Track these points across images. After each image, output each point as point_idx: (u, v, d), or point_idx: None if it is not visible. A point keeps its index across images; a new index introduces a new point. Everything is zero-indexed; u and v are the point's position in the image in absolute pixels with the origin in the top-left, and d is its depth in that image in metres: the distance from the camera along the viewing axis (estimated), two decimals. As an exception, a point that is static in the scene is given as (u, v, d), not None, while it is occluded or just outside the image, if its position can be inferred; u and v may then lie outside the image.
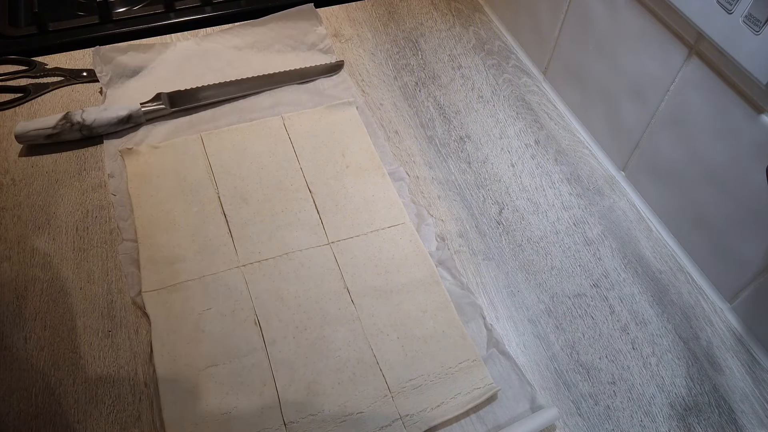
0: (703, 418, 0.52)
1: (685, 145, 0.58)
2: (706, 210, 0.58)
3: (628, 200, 0.67)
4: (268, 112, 0.72)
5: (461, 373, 0.52)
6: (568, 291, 0.59)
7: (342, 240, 0.60)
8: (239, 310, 0.55)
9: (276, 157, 0.66)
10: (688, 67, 0.56)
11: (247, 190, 0.63)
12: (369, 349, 0.53)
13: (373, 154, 0.68)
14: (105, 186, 0.64)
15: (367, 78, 0.78)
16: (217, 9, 0.85)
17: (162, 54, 0.76)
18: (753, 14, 0.46)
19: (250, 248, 0.59)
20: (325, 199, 0.63)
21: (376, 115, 0.73)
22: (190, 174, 0.64)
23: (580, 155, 0.71)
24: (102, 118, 0.67)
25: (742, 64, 0.49)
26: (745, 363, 0.55)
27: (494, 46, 0.83)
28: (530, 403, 0.51)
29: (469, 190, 0.66)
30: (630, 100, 0.64)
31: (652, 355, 0.55)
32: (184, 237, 0.59)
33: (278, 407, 0.49)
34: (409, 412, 0.50)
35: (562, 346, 0.55)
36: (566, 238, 0.63)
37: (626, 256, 0.62)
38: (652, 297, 0.59)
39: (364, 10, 0.87)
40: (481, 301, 0.58)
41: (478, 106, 0.75)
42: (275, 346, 0.53)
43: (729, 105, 0.52)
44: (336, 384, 0.51)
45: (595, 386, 0.53)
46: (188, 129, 0.69)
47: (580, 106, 0.73)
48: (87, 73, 0.74)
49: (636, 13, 0.60)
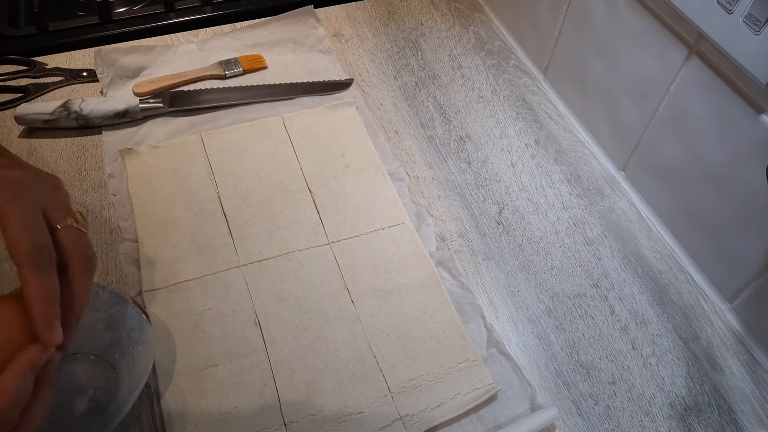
0: (703, 418, 0.52)
1: (685, 145, 0.58)
2: (706, 210, 0.58)
3: (628, 200, 0.67)
4: (268, 112, 0.72)
5: (461, 373, 0.52)
6: (568, 291, 0.59)
7: (342, 240, 0.60)
8: (239, 310, 0.55)
9: (276, 157, 0.66)
10: (688, 67, 0.56)
11: (247, 190, 0.63)
12: (369, 349, 0.53)
13: (373, 154, 0.68)
14: (105, 186, 0.64)
15: (367, 78, 0.78)
16: (217, 9, 0.85)
17: (163, 56, 0.76)
18: (753, 14, 0.46)
19: (250, 248, 0.59)
20: (325, 199, 0.63)
21: (376, 115, 0.73)
22: (190, 174, 0.64)
23: (580, 155, 0.71)
24: (99, 109, 0.67)
25: (742, 64, 0.49)
26: (745, 363, 0.55)
27: (494, 46, 0.83)
28: (530, 403, 0.51)
29: (469, 190, 0.66)
30: (630, 100, 0.64)
31: (652, 355, 0.55)
32: (184, 237, 0.59)
33: (278, 407, 0.49)
34: (409, 412, 0.50)
35: (562, 346, 0.55)
36: (566, 238, 0.63)
37: (626, 256, 0.62)
38: (652, 297, 0.59)
39: (364, 10, 0.87)
40: (481, 301, 0.58)
41: (478, 106, 0.75)
42: (275, 346, 0.53)
43: (729, 105, 0.52)
44: (336, 384, 0.51)
45: (595, 386, 0.53)
46: (188, 129, 0.69)
47: (580, 106, 0.73)
48: (87, 73, 0.74)
49: (636, 13, 0.60)
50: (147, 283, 0.56)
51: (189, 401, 0.49)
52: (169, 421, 0.48)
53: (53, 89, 0.73)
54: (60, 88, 0.73)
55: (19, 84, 0.73)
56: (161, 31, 0.82)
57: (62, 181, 0.43)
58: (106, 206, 0.62)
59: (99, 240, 0.59)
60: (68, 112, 0.67)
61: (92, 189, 0.64)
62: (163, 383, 0.50)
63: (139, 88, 0.72)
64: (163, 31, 0.82)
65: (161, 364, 0.51)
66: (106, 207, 0.62)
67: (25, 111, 0.67)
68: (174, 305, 0.54)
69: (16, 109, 0.67)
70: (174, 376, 0.50)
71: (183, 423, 0.48)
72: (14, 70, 0.74)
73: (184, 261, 0.57)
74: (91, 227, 0.60)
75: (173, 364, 0.51)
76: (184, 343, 0.52)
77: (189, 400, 0.49)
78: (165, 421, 0.48)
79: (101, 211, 0.62)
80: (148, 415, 0.49)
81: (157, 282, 0.56)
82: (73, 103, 0.67)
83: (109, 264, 0.58)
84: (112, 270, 0.57)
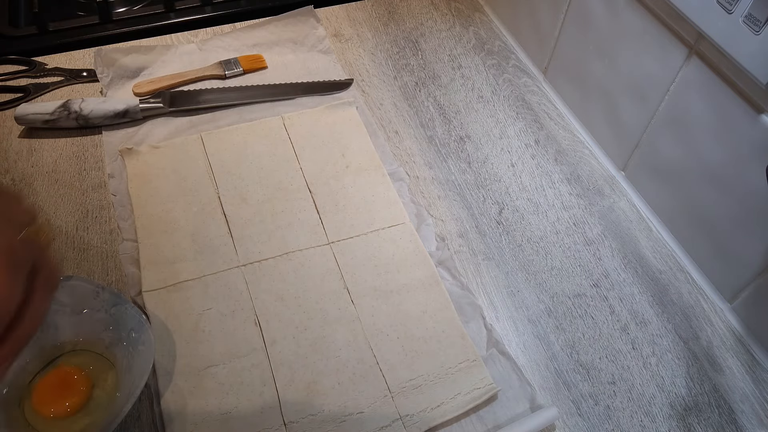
0: (703, 418, 0.52)
1: (685, 145, 0.58)
2: (706, 210, 0.58)
3: (628, 200, 0.67)
4: (268, 112, 0.72)
5: (461, 373, 0.52)
6: (568, 291, 0.59)
7: (342, 240, 0.60)
8: (239, 310, 0.55)
9: (276, 157, 0.66)
10: (688, 67, 0.56)
11: (247, 190, 0.63)
12: (369, 349, 0.53)
13: (373, 154, 0.68)
14: (105, 186, 0.64)
15: (367, 78, 0.78)
16: (217, 9, 0.85)
17: (163, 56, 0.76)
18: (753, 14, 0.46)
19: (250, 248, 0.59)
20: (325, 199, 0.63)
21: (376, 115, 0.73)
22: (190, 174, 0.64)
23: (580, 155, 0.71)
24: (99, 109, 0.68)
25: (742, 64, 0.49)
26: (745, 363, 0.55)
27: (494, 46, 0.83)
28: (530, 402, 0.51)
29: (469, 190, 0.66)
30: (630, 100, 0.64)
31: (652, 355, 0.55)
32: (184, 237, 0.59)
33: (278, 407, 0.49)
34: (409, 412, 0.50)
35: (562, 346, 0.55)
36: (566, 238, 0.63)
37: (626, 256, 0.62)
38: (652, 297, 0.59)
39: (364, 10, 0.87)
40: (481, 301, 0.58)
41: (478, 106, 0.75)
42: (275, 346, 0.53)
43: (729, 105, 0.52)
44: (336, 384, 0.51)
45: (595, 386, 0.53)
46: (188, 129, 0.69)
47: (580, 106, 0.73)
48: (87, 73, 0.74)
49: (636, 13, 0.60)
50: (147, 283, 0.56)
51: (189, 401, 0.49)
52: (169, 421, 0.48)
53: (53, 89, 0.73)
54: (60, 88, 0.73)
55: (19, 84, 0.73)
56: (161, 31, 0.82)
57: (24, 196, 0.41)
58: (106, 206, 0.62)
59: (99, 240, 0.60)
60: (68, 112, 0.67)
61: (92, 189, 0.64)
62: (163, 383, 0.50)
63: (139, 88, 0.72)
64: (163, 31, 0.82)
65: (161, 364, 0.51)
66: (106, 207, 0.62)
67: (25, 111, 0.67)
68: (174, 305, 0.54)
69: (16, 109, 0.67)
70: (174, 376, 0.50)
71: (183, 423, 0.48)
72: (14, 70, 0.74)
73: (184, 261, 0.57)
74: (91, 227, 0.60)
75: (173, 364, 0.51)
76: (184, 343, 0.52)
77: (189, 400, 0.49)
78: (165, 421, 0.48)
79: (101, 211, 0.62)
80: (148, 415, 0.49)
81: (157, 282, 0.56)
82: (73, 103, 0.67)
83: (109, 264, 0.58)
84: (112, 270, 0.57)
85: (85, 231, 0.60)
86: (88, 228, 0.60)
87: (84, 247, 0.59)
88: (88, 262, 0.58)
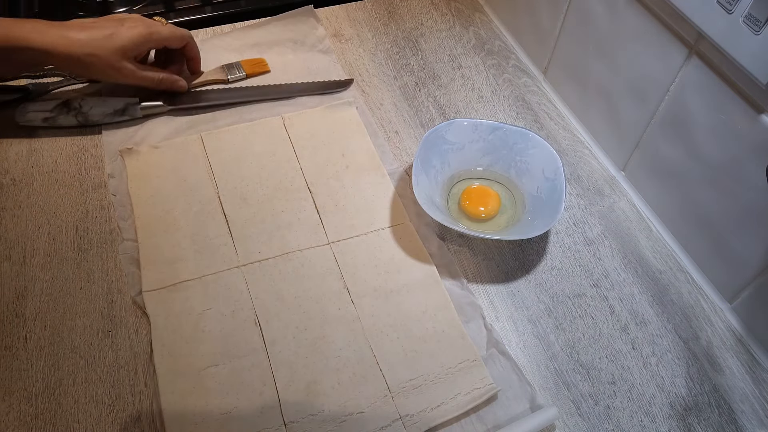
0: (703, 418, 0.52)
1: (685, 145, 0.58)
2: (706, 210, 0.58)
3: (628, 200, 0.67)
4: (268, 112, 0.72)
5: (461, 373, 0.52)
6: (568, 291, 0.59)
7: (342, 240, 0.60)
8: (239, 310, 0.55)
9: (276, 157, 0.66)
10: (688, 67, 0.56)
11: (247, 190, 0.63)
12: (369, 349, 0.53)
13: (373, 154, 0.68)
14: (105, 186, 0.64)
15: (367, 78, 0.78)
16: (217, 9, 0.85)
17: (162, 54, 0.76)
18: (753, 14, 0.46)
19: (250, 248, 0.59)
20: (325, 199, 0.63)
21: (376, 115, 0.73)
22: (190, 174, 0.64)
23: (580, 155, 0.71)
24: (99, 107, 0.68)
25: (742, 64, 0.49)
26: (745, 363, 0.55)
27: (494, 46, 0.83)
28: (530, 402, 0.51)
29: (469, 190, 0.66)
30: (630, 100, 0.64)
31: (652, 355, 0.55)
32: (184, 237, 0.59)
33: (278, 407, 0.49)
34: (409, 412, 0.50)
35: (562, 346, 0.55)
36: (566, 238, 0.63)
37: (626, 256, 0.62)
38: (652, 297, 0.59)
39: (364, 10, 0.87)
40: (481, 301, 0.58)
41: (478, 106, 0.75)
42: (275, 346, 0.53)
43: (729, 105, 0.52)
44: (336, 384, 0.51)
45: (595, 386, 0.53)
46: (188, 129, 0.69)
47: (580, 106, 0.73)
48: (87, 73, 0.74)
49: (636, 13, 0.60)
50: (147, 283, 0.56)
51: (189, 401, 0.49)
52: (169, 421, 0.48)
53: (53, 89, 0.72)
54: (60, 88, 0.73)
55: (19, 84, 0.73)
56: (161, 31, 0.82)
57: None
58: (106, 206, 0.62)
59: (99, 240, 0.60)
60: (68, 109, 0.67)
61: (92, 189, 0.64)
62: (163, 383, 0.50)
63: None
64: (163, 31, 0.82)
65: (161, 364, 0.51)
66: (106, 207, 0.62)
67: (25, 111, 0.67)
68: (174, 305, 0.55)
69: (16, 109, 0.67)
70: (174, 376, 0.50)
71: (183, 423, 0.48)
72: (14, 70, 0.74)
73: (184, 261, 0.57)
74: (91, 227, 0.60)
75: (173, 364, 0.51)
76: (184, 343, 0.52)
77: (189, 400, 0.49)
78: (165, 421, 0.48)
79: (101, 211, 0.62)
80: (147, 415, 0.49)
81: (157, 282, 0.56)
82: (73, 100, 0.68)
83: (109, 264, 0.58)
84: (112, 270, 0.57)
85: (85, 231, 0.60)
86: (88, 228, 0.60)
87: (84, 247, 0.59)
88: (88, 262, 0.58)
